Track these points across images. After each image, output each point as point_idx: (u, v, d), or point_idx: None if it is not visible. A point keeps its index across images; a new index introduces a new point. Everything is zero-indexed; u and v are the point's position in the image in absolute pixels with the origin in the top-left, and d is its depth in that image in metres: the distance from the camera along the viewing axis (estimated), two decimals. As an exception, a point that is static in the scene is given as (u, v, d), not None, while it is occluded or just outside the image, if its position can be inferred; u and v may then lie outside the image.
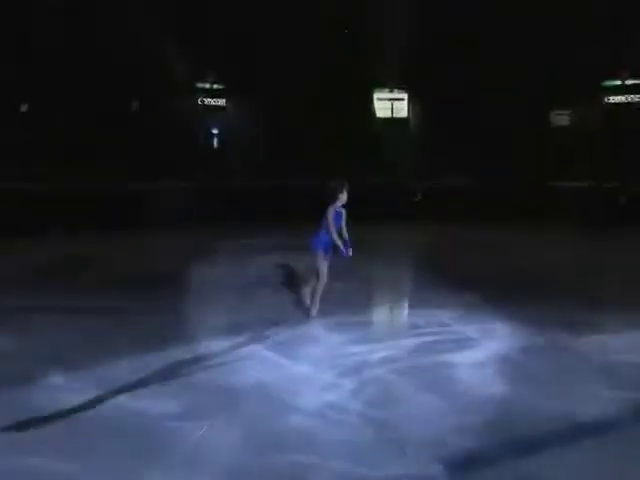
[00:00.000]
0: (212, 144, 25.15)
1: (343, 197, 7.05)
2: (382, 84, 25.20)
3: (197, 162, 22.38)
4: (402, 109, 25.18)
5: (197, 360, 5.82)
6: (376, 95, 25.16)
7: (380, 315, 8.28)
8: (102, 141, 20.88)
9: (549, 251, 12.90)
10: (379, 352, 6.11)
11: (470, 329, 6.89)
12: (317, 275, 7.16)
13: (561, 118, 23.21)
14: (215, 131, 25.22)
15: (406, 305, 8.76)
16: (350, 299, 8.27)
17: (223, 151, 24.45)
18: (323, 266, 7.10)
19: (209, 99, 24.38)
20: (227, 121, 24.74)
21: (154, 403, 4.81)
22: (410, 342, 6.46)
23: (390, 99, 25.04)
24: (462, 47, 21.78)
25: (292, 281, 9.16)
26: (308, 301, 7.39)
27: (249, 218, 18.00)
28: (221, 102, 24.73)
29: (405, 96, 25.13)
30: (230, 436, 4.34)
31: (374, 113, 25.13)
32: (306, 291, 7.46)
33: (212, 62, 22.91)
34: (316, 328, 7.02)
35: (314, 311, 7.30)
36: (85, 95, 20.56)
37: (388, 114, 24.87)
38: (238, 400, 4.93)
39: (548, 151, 21.78)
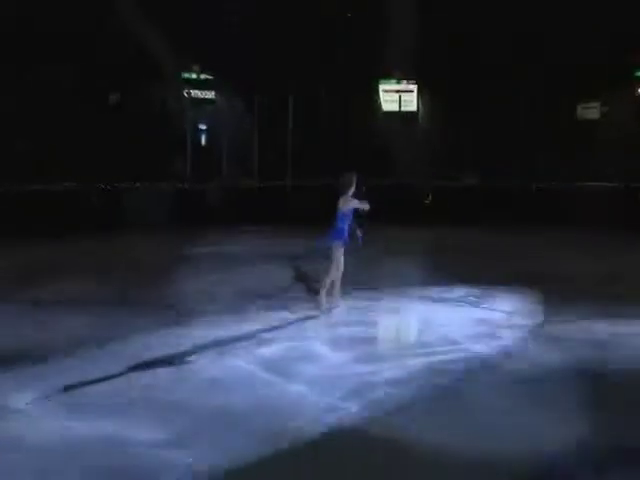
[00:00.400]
0: (200, 141, 24.89)
1: (354, 188, 8.38)
2: (389, 74, 24.94)
3: (182, 161, 22.17)
4: (411, 102, 24.88)
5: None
6: (382, 87, 24.88)
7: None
8: (76, 137, 20.66)
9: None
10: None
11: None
12: (334, 267, 8.24)
13: (590, 111, 22.87)
14: (203, 127, 24.95)
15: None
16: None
17: (212, 149, 24.18)
18: (340, 257, 8.22)
19: (196, 91, 24.12)
20: (216, 116, 24.49)
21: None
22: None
23: (397, 91, 24.73)
24: (478, 31, 21.51)
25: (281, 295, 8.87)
26: (324, 293, 8.33)
27: (233, 221, 18.02)
28: (210, 94, 24.49)
29: (414, 88, 24.82)
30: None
31: (380, 106, 24.84)
32: (326, 283, 8.36)
33: (199, 48, 22.66)
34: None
35: (336, 300, 8.44)
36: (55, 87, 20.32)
37: (395, 107, 24.54)
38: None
39: (575, 148, 21.51)
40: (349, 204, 8.35)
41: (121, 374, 5.69)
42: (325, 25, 22.10)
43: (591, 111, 22.78)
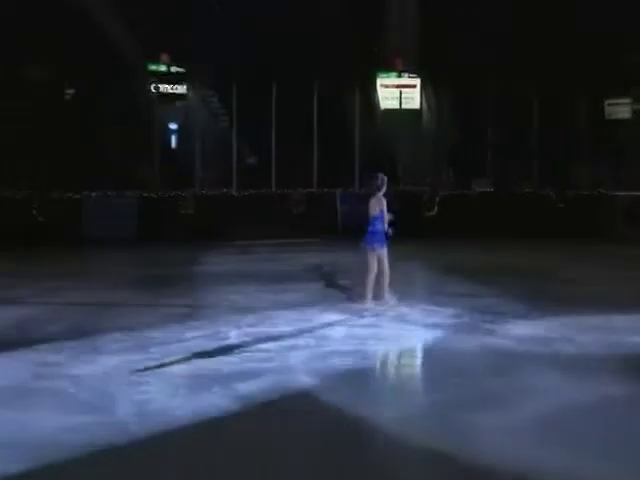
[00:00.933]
0: (169, 143, 24.63)
1: (384, 189, 9.58)
2: (388, 68, 24.84)
3: (148, 166, 21.92)
4: (413, 99, 24.75)
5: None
6: (380, 81, 24.74)
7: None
8: (26, 139, 20.43)
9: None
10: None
11: None
12: (368, 270, 9.51)
13: (619, 109, 22.76)
14: (173, 127, 24.70)
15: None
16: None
17: (183, 152, 23.92)
18: (372, 261, 9.49)
19: (165, 85, 23.87)
20: (189, 114, 24.26)
21: None
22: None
23: (398, 86, 24.60)
24: (489, 17, 21.42)
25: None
26: (367, 293, 9.56)
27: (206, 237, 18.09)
28: (182, 89, 24.26)
29: (417, 82, 24.71)
30: None
31: (377, 104, 24.69)
32: (366, 285, 9.56)
33: (169, 34, 22.43)
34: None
35: (368, 301, 9.55)
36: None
37: (395, 105, 24.38)
38: None
39: (603, 150, 21.39)
40: (379, 206, 9.45)
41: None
42: (314, 6, 21.90)
43: (621, 109, 22.70)
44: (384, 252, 9.63)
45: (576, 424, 5.38)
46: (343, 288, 11.48)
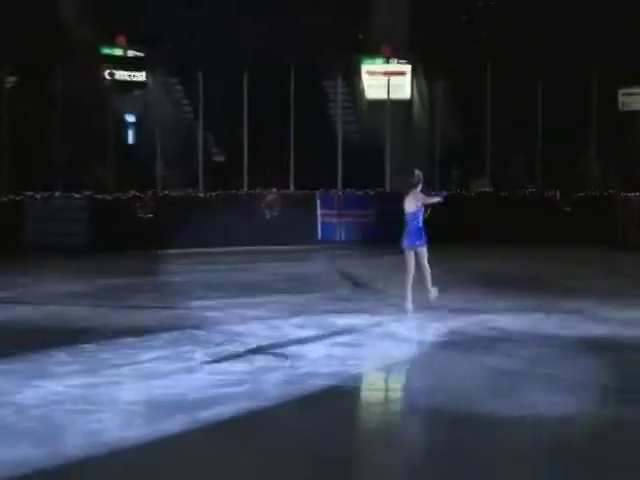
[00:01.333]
0: (125, 138, 24.69)
1: (420, 185, 10.65)
2: (375, 52, 25.05)
3: (102, 163, 21.84)
4: (403, 87, 24.93)
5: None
6: (365, 68, 24.90)
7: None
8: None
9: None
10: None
11: None
12: (407, 269, 10.52)
13: (635, 99, 23.04)
14: (131, 119, 24.65)
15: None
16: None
17: (142, 148, 23.92)
18: (409, 260, 10.50)
19: (121, 72, 23.89)
20: (148, 104, 24.29)
21: None
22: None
23: (385, 73, 24.75)
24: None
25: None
26: (407, 294, 10.52)
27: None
28: (140, 76, 24.30)
29: (408, 69, 24.89)
30: None
31: (362, 93, 24.85)
32: (406, 285, 10.57)
33: (126, 15, 22.47)
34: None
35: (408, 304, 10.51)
36: None
37: (382, 94, 24.50)
38: None
39: (616, 146, 21.63)
40: (418, 202, 10.53)
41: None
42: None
43: (637, 99, 22.96)
44: (424, 250, 10.65)
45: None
46: (321, 300, 11.50)
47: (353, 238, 20.76)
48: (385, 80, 24.23)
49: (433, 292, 10.73)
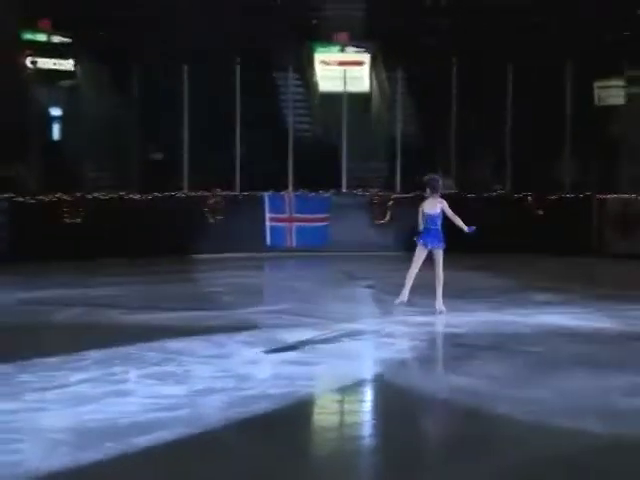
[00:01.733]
0: (51, 134, 24.51)
1: (440, 190, 11.72)
2: (329, 40, 25.17)
3: (23, 162, 21.67)
4: (361, 79, 25.08)
5: None
6: (318, 56, 25.02)
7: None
8: None
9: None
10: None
11: None
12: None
13: (611, 93, 23.45)
14: (56, 113, 24.56)
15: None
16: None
17: (70, 145, 23.79)
18: (421, 255, 11.48)
19: (45, 59, 23.74)
20: (77, 97, 24.15)
21: None
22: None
23: (341, 63, 24.87)
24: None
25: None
26: (405, 289, 11.56)
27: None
28: (67, 65, 24.17)
29: (367, 58, 25.05)
30: None
31: (315, 85, 24.95)
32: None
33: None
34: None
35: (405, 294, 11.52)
36: None
37: (338, 87, 24.59)
38: None
39: (592, 144, 21.96)
40: (439, 206, 11.44)
41: None
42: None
43: (614, 92, 23.36)
44: (440, 253, 11.51)
45: None
46: (269, 314, 11.58)
47: (306, 244, 20.80)
48: (341, 71, 24.33)
49: (439, 307, 11.48)
